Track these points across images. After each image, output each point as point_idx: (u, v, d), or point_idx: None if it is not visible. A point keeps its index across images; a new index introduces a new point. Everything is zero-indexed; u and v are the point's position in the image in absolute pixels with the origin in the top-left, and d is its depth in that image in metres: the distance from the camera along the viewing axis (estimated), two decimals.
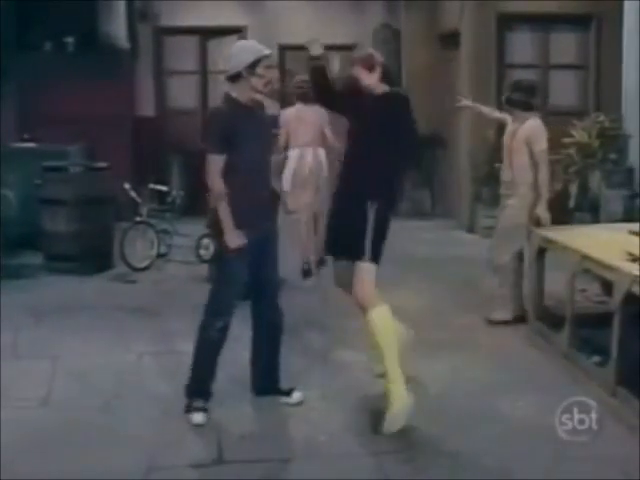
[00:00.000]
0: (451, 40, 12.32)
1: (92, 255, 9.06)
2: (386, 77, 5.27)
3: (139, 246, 9.36)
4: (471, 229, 11.35)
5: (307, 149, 8.56)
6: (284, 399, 5.40)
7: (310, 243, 8.53)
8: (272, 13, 14.22)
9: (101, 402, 5.42)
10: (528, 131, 6.96)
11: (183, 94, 14.32)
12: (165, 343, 6.62)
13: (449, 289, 8.21)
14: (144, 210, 9.57)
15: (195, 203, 12.22)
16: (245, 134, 5.02)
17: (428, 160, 13.11)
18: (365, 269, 5.07)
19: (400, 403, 4.89)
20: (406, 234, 10.83)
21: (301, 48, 13.99)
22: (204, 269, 8.76)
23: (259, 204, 5.15)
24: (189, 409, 5.16)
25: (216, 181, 5.06)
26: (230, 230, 5.03)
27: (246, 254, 5.07)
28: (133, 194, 9.61)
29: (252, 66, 5.08)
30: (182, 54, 14.43)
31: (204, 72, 14.48)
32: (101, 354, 6.35)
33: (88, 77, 11.58)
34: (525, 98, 7.06)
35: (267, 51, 5.20)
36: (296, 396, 5.42)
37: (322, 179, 8.60)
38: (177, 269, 9.35)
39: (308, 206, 8.54)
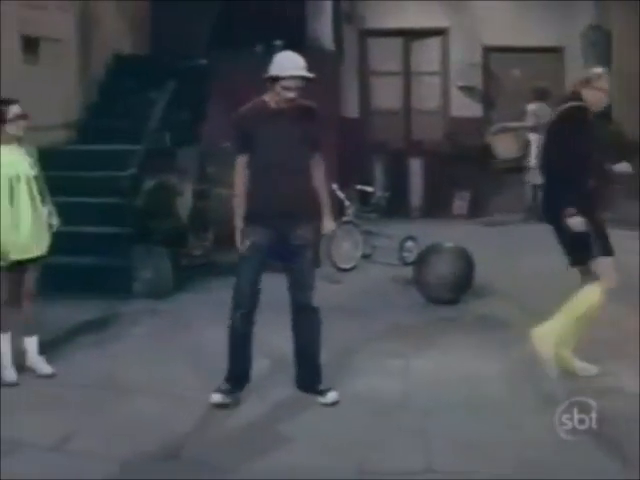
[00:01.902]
0: None
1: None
2: None
3: (345, 246, 9.47)
4: None
5: None
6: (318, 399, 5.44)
7: None
8: (475, 13, 14.04)
9: None
10: None
11: (386, 95, 14.41)
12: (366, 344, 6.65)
13: None
14: (350, 210, 9.67)
15: (398, 204, 12.38)
16: (263, 133, 5.21)
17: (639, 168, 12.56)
18: None
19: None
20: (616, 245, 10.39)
21: (506, 50, 13.60)
22: (407, 271, 8.78)
23: (278, 203, 5.22)
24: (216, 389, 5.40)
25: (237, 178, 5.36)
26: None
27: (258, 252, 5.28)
28: (340, 194, 9.72)
29: (273, 79, 5.16)
30: (386, 56, 14.52)
31: (407, 73, 14.51)
32: None
33: None
34: None
35: (289, 71, 5.13)
36: (330, 396, 5.42)
37: None
38: (381, 271, 9.37)
39: None
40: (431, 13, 14.05)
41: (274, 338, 5.86)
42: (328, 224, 5.53)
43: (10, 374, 5.85)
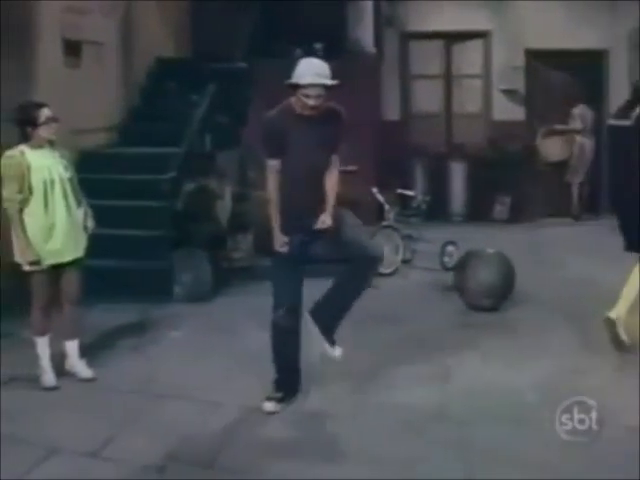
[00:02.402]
0: None
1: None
2: None
3: (385, 251, 9.36)
4: None
5: None
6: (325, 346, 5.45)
7: None
8: (518, 15, 13.88)
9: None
10: None
11: (427, 98, 14.32)
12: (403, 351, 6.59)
13: None
14: (391, 214, 9.60)
15: (439, 208, 12.30)
16: (292, 138, 5.21)
17: None
18: None
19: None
20: None
21: (549, 53, 13.37)
22: (448, 277, 8.70)
23: (302, 205, 5.28)
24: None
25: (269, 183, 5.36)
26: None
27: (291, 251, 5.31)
28: (380, 198, 9.66)
29: (294, 86, 5.14)
30: (427, 58, 14.42)
31: (448, 76, 14.41)
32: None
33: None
34: None
35: (307, 79, 5.06)
36: (337, 351, 5.47)
37: None
38: (421, 276, 9.28)
39: None
40: (473, 15, 13.91)
41: (309, 344, 5.80)
42: (325, 219, 5.34)
43: (49, 378, 5.87)
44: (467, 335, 7.05)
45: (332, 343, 5.47)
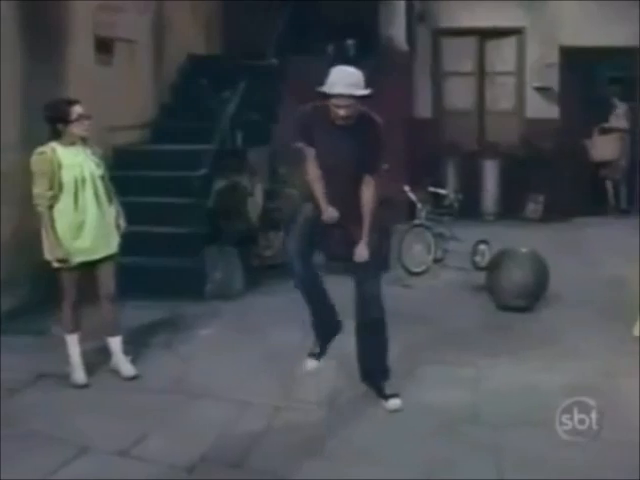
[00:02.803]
0: None
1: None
2: None
3: (416, 250, 9.32)
4: None
5: None
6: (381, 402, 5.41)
7: None
8: (553, 12, 13.74)
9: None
10: None
11: (459, 95, 14.21)
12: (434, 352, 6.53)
13: None
14: (422, 213, 9.52)
15: (471, 207, 12.17)
16: (320, 140, 5.21)
17: None
18: None
19: None
20: None
21: (584, 50, 13.26)
22: (479, 276, 8.61)
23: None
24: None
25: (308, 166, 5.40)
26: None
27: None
28: (412, 196, 9.58)
29: (324, 95, 5.07)
30: (459, 55, 14.31)
31: (481, 73, 14.29)
32: None
33: (368, 78, 11.64)
34: None
35: (337, 89, 4.98)
36: (392, 403, 5.38)
37: None
38: (452, 275, 9.20)
39: None
40: (506, 12, 13.78)
41: (345, 342, 5.74)
42: (362, 252, 5.28)
43: (80, 376, 5.86)
44: (499, 336, 6.97)
45: (386, 398, 5.43)
